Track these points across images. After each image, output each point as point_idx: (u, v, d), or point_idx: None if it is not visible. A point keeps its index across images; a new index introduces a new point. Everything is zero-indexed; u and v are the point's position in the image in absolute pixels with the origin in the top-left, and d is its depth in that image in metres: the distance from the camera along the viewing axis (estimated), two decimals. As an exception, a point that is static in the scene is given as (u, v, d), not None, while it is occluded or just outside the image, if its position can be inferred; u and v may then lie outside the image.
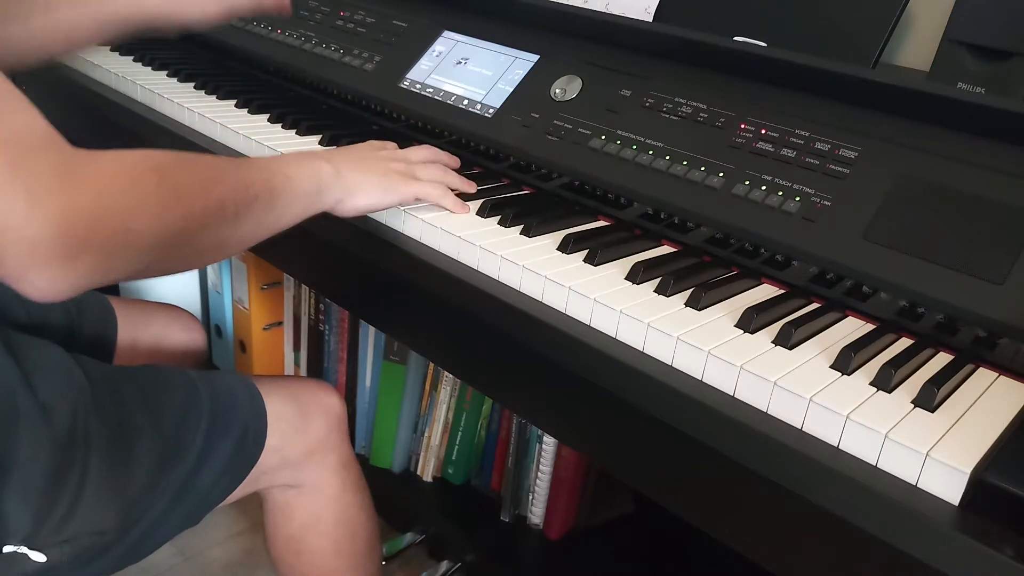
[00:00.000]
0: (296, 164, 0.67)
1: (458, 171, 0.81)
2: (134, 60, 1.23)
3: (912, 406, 0.52)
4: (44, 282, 0.47)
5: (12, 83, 0.49)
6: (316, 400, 0.85)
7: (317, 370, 1.50)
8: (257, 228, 0.63)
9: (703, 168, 0.73)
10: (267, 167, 0.64)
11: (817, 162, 0.69)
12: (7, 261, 0.45)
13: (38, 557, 0.62)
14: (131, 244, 0.50)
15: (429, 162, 0.78)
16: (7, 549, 0.61)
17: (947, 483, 0.46)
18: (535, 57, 0.90)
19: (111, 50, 1.27)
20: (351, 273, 0.82)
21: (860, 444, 0.49)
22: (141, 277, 0.54)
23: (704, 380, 0.56)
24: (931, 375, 0.54)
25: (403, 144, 0.82)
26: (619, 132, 0.79)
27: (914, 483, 0.47)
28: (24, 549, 0.62)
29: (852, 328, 0.63)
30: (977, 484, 0.45)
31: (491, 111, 0.89)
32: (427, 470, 1.37)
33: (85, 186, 0.47)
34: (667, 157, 0.76)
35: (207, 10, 0.90)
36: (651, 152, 0.77)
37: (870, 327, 0.63)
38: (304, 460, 0.83)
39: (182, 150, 0.57)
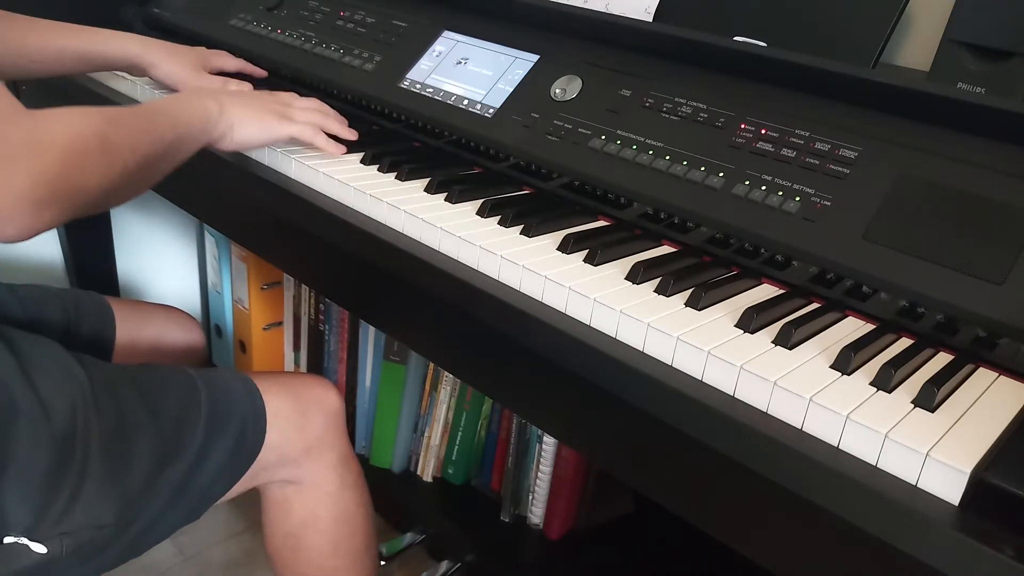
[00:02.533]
0: (190, 107, 0.77)
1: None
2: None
3: (912, 406, 0.52)
4: (15, 229, 0.57)
5: None
6: (315, 397, 0.85)
7: (317, 370, 1.50)
8: (167, 167, 0.74)
9: (703, 168, 0.73)
10: (171, 114, 0.74)
11: (817, 162, 0.69)
12: None
13: (39, 548, 0.63)
14: (84, 195, 0.61)
15: (310, 108, 0.87)
16: (8, 540, 0.61)
17: (947, 483, 0.46)
18: (535, 57, 0.90)
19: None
20: (351, 273, 0.82)
21: (860, 444, 0.49)
22: (87, 214, 0.64)
23: (704, 380, 0.56)
24: (931, 375, 0.54)
25: (402, 143, 0.82)
26: (619, 132, 0.79)
27: (914, 483, 0.47)
28: (24, 540, 0.62)
29: (852, 328, 0.63)
30: (977, 484, 0.45)
31: (491, 111, 0.89)
32: (427, 470, 1.37)
33: (48, 152, 0.57)
34: (667, 157, 0.76)
35: (182, 77, 1.01)
36: (651, 152, 0.77)
37: (870, 327, 0.63)
38: (303, 456, 0.83)
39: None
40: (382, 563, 1.24)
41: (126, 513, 0.68)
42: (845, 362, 0.55)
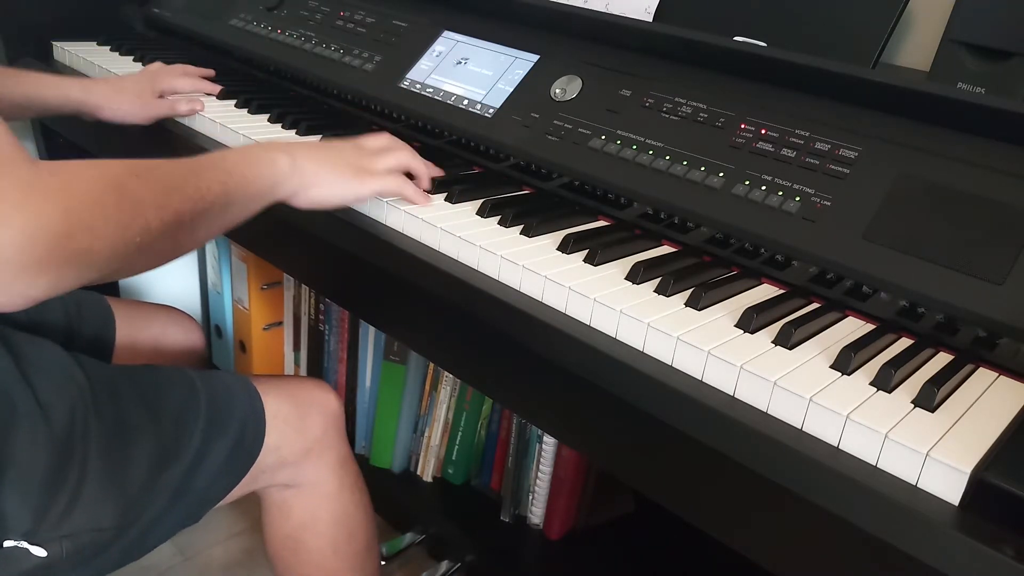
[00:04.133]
0: (254, 160, 0.68)
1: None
2: (134, 60, 1.23)
3: (912, 406, 0.52)
4: (7, 297, 0.48)
5: None
6: (314, 399, 0.85)
7: (317, 370, 1.50)
8: (212, 230, 0.65)
9: (703, 168, 0.73)
10: (223, 167, 0.65)
11: (817, 162, 0.69)
12: None
13: (39, 552, 0.63)
14: (91, 260, 0.51)
15: (389, 150, 0.78)
16: (8, 544, 0.61)
17: (947, 483, 0.46)
18: (535, 57, 0.90)
19: (111, 50, 1.27)
20: (351, 273, 0.82)
21: (860, 444, 0.49)
22: (95, 283, 0.55)
23: (704, 380, 0.56)
24: (931, 375, 0.54)
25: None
26: (619, 132, 0.79)
27: (914, 483, 0.47)
28: (25, 544, 0.62)
29: (852, 328, 0.63)
30: (977, 484, 0.45)
31: (491, 111, 0.89)
32: (427, 470, 1.37)
33: (49, 205, 0.48)
34: (667, 157, 0.76)
35: (130, 112, 0.99)
36: (651, 152, 0.77)
37: (870, 327, 0.63)
38: (302, 459, 0.83)
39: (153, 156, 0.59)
40: (382, 563, 1.24)
41: (126, 515, 0.68)
42: (845, 362, 0.55)
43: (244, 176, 0.66)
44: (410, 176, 0.78)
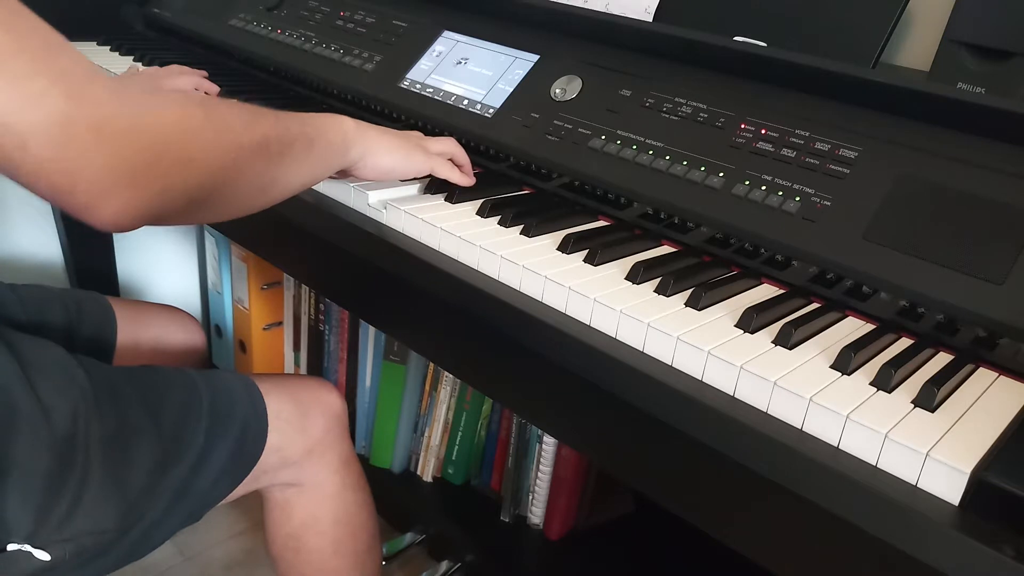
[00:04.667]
0: (325, 117, 0.71)
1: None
2: (134, 60, 1.23)
3: (912, 406, 0.52)
4: (113, 210, 0.49)
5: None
6: (316, 398, 0.85)
7: (317, 370, 1.50)
8: (297, 173, 0.65)
9: (703, 168, 0.73)
10: (299, 117, 0.67)
11: (817, 162, 0.69)
12: (78, 192, 0.47)
13: (42, 555, 0.62)
14: (190, 173, 0.52)
15: (443, 141, 0.83)
16: (11, 547, 0.61)
17: (947, 483, 0.46)
18: (535, 57, 0.90)
19: (111, 50, 1.27)
20: (351, 273, 0.82)
21: (860, 444, 0.49)
22: (195, 218, 0.56)
23: (704, 380, 0.56)
24: (931, 375, 0.54)
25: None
26: (619, 132, 0.79)
27: (914, 483, 0.47)
28: (28, 547, 0.62)
29: (852, 328, 0.63)
30: (977, 484, 0.45)
31: (491, 111, 0.89)
32: (427, 470, 1.37)
33: (144, 116, 0.49)
34: (667, 157, 0.76)
35: None
36: (651, 152, 0.77)
37: (870, 327, 0.63)
38: (304, 458, 0.83)
39: None
40: (383, 563, 1.24)
41: (128, 516, 0.67)
42: (845, 362, 0.55)
43: (321, 127, 0.68)
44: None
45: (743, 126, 0.74)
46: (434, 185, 0.80)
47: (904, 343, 0.61)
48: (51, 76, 0.46)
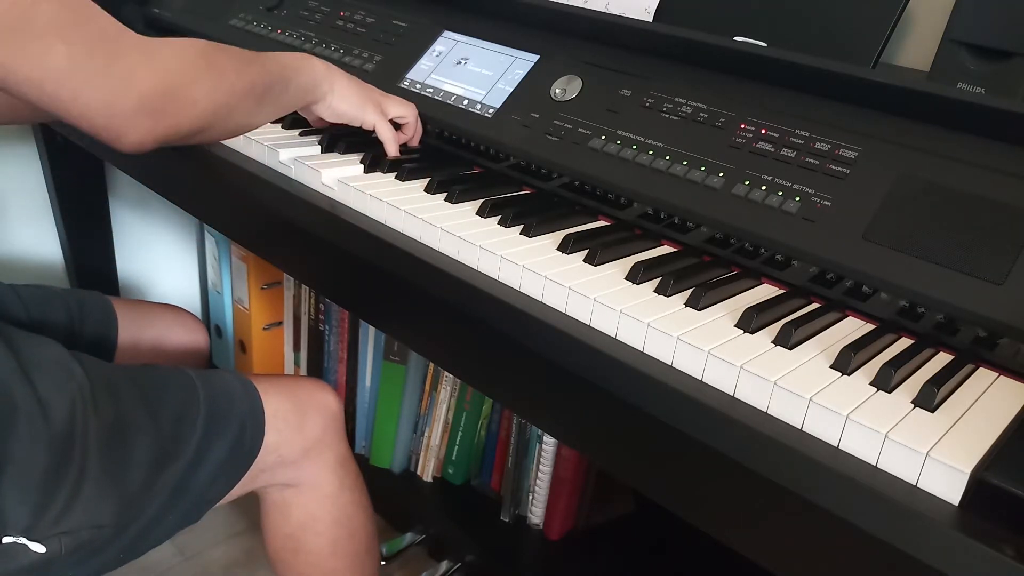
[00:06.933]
0: (301, 59, 0.82)
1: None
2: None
3: (912, 406, 0.52)
4: (137, 137, 0.65)
5: None
6: (313, 398, 0.85)
7: (317, 370, 1.50)
8: (272, 107, 0.79)
9: (703, 168, 0.73)
10: (278, 60, 0.78)
11: (817, 162, 0.69)
12: (111, 126, 0.64)
13: (38, 548, 0.63)
14: (195, 108, 0.68)
15: (403, 104, 0.91)
16: (7, 540, 0.61)
17: (947, 483, 0.46)
18: (535, 57, 0.90)
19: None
20: (351, 273, 0.82)
21: (860, 444, 0.49)
22: (196, 140, 0.71)
23: (704, 380, 0.56)
24: (931, 375, 0.54)
25: (403, 144, 0.82)
26: (619, 132, 0.79)
27: (914, 483, 0.47)
28: (23, 540, 0.62)
29: (852, 328, 0.63)
30: (977, 484, 0.45)
31: (491, 111, 0.89)
32: (427, 470, 1.37)
33: (162, 68, 0.65)
34: (667, 157, 0.76)
35: None
36: (651, 152, 0.77)
37: (870, 327, 0.63)
38: (301, 459, 0.83)
39: None
40: (382, 563, 1.24)
41: (125, 513, 0.68)
42: (845, 362, 0.55)
43: (297, 68, 0.80)
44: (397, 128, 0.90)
45: (743, 126, 0.74)
46: (434, 185, 0.80)
47: (904, 343, 0.61)
48: (91, 42, 0.61)
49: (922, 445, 0.47)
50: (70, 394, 0.66)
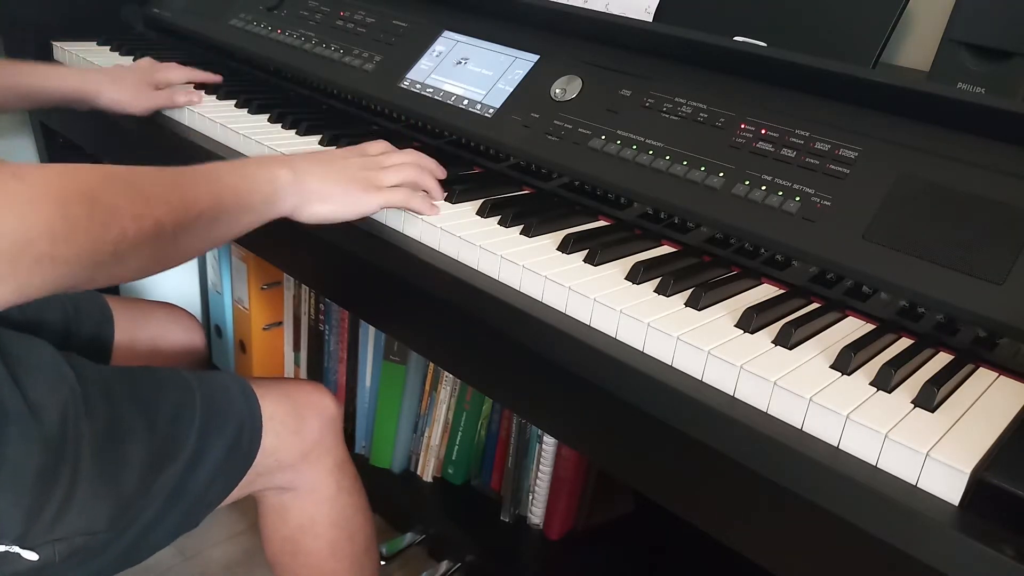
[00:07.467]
0: (251, 173, 0.66)
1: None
2: (134, 60, 1.23)
3: (912, 406, 0.52)
4: None
5: None
6: (310, 401, 0.84)
7: (317, 370, 1.50)
8: (198, 243, 0.62)
9: (703, 168, 0.73)
10: (214, 178, 0.63)
11: (817, 162, 0.69)
12: None
13: (30, 556, 0.62)
14: (56, 267, 0.49)
15: (400, 164, 0.75)
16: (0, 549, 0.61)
17: (947, 483, 0.46)
18: (535, 57, 0.90)
19: (111, 50, 1.27)
20: (351, 273, 0.82)
21: (860, 444, 0.49)
22: (75, 290, 0.53)
23: (704, 380, 0.56)
24: (931, 375, 0.54)
25: (402, 144, 0.82)
26: (619, 132, 0.79)
27: (914, 483, 0.47)
28: (16, 548, 0.61)
29: (852, 328, 0.63)
30: (977, 484, 0.45)
31: (491, 111, 0.89)
32: (427, 470, 1.37)
33: (7, 211, 0.46)
34: (667, 157, 0.76)
35: (128, 101, 0.98)
36: (651, 152, 0.77)
37: (870, 327, 0.63)
38: (299, 462, 0.82)
39: (157, 156, 0.58)
40: (382, 563, 1.24)
41: (120, 518, 0.67)
42: (845, 362, 0.55)
43: (238, 189, 0.63)
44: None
45: (743, 126, 0.74)
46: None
47: (904, 343, 0.61)
48: None
49: (922, 445, 0.47)
50: (62, 396, 0.65)
